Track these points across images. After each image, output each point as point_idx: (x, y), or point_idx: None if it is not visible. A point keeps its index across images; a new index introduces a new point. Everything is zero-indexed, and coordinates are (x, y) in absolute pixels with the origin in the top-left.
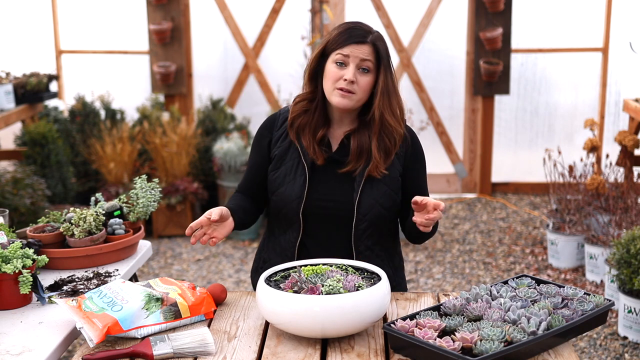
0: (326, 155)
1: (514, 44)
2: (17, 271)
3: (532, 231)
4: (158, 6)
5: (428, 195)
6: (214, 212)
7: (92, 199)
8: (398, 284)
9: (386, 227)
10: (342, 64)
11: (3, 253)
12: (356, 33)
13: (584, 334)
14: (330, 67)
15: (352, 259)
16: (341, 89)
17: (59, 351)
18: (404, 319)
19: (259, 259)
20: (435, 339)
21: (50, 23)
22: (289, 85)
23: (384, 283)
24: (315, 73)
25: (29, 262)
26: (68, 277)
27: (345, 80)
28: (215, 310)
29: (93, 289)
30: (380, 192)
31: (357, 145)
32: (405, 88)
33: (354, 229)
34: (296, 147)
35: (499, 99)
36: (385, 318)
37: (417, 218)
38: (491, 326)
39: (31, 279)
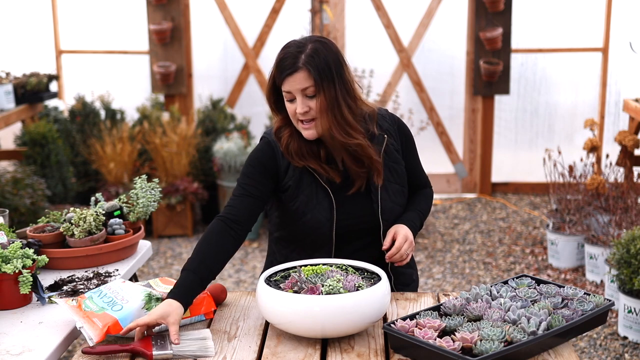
0: (340, 175)
1: (514, 44)
2: (17, 271)
3: (532, 231)
4: (158, 6)
5: (423, 171)
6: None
7: (92, 199)
8: (416, 277)
9: None
10: (291, 100)
11: (3, 253)
12: (285, 64)
13: (584, 334)
14: (286, 103)
15: (387, 267)
16: (301, 122)
17: (59, 351)
18: (404, 319)
19: None
20: (435, 339)
21: (50, 23)
22: None
23: (384, 283)
24: (277, 104)
25: (29, 262)
26: (68, 277)
27: (299, 113)
28: (215, 310)
29: (93, 288)
30: (396, 192)
31: (349, 171)
32: (405, 88)
33: (382, 236)
34: (310, 172)
35: (499, 99)
36: (385, 318)
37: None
38: (491, 326)
39: (31, 279)
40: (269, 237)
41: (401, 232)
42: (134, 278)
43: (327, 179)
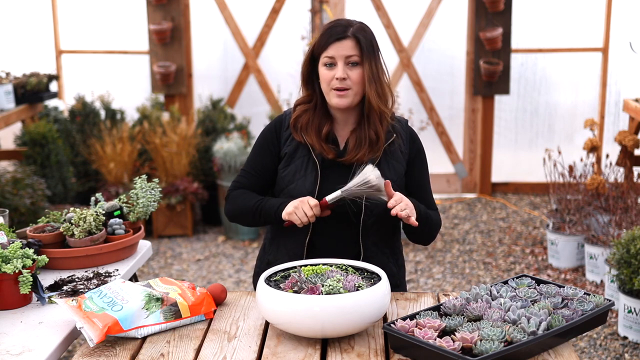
0: (335, 152)
1: (514, 44)
2: (17, 271)
3: (532, 231)
4: (158, 6)
5: (431, 195)
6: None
7: (92, 199)
8: (401, 283)
9: (391, 224)
10: (331, 65)
11: (3, 253)
12: (336, 31)
13: (584, 334)
14: (322, 70)
15: (359, 255)
16: (336, 89)
17: (59, 351)
18: (404, 319)
19: (262, 262)
20: (435, 339)
21: (50, 23)
22: (289, 85)
23: (384, 283)
24: (309, 77)
25: (29, 262)
26: (68, 277)
27: (338, 79)
28: (215, 310)
29: (93, 289)
30: None
31: (355, 139)
32: (405, 88)
33: (362, 223)
34: (306, 144)
35: (499, 99)
36: (385, 318)
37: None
38: (491, 326)
39: (31, 279)
40: None
41: (399, 194)
42: (134, 278)
43: (320, 155)
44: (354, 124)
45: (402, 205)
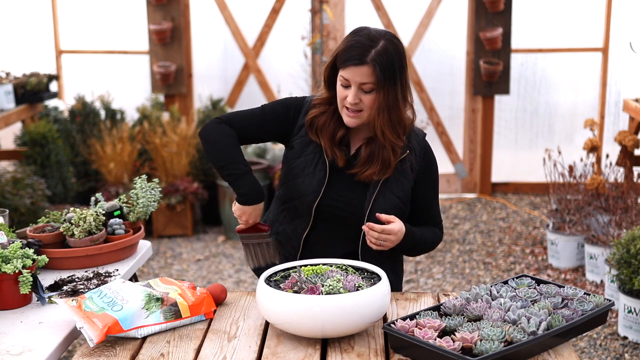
0: (345, 157)
1: (514, 44)
2: (17, 271)
3: (532, 231)
4: (158, 6)
5: (437, 211)
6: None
7: (92, 199)
8: (397, 289)
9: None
10: (345, 86)
11: (3, 253)
12: (354, 54)
13: (584, 334)
14: (338, 86)
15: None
16: (348, 109)
17: (59, 351)
18: (404, 319)
19: None
20: (435, 339)
21: (50, 23)
22: (289, 85)
23: (384, 283)
24: (330, 80)
25: (29, 262)
26: (68, 277)
27: (350, 102)
28: (215, 310)
29: (93, 289)
30: (392, 204)
31: (369, 153)
32: None
33: (363, 236)
34: (319, 143)
35: (499, 99)
36: (385, 318)
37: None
38: (491, 326)
39: (31, 279)
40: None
41: (398, 226)
42: (134, 278)
43: (332, 158)
44: (369, 132)
45: (373, 234)
